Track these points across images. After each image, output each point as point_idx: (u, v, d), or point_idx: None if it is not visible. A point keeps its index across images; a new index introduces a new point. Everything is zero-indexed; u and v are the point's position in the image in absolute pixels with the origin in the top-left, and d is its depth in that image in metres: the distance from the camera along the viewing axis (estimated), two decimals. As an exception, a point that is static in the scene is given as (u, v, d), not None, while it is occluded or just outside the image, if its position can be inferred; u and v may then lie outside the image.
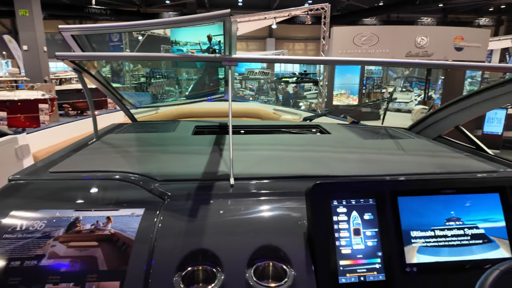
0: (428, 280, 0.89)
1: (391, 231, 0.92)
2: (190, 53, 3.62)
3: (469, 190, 0.98)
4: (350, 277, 0.88)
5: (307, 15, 9.19)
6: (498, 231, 0.96)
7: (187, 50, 7.68)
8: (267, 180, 1.17)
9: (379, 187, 0.95)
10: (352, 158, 1.46)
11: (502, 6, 24.71)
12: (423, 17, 25.53)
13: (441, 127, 1.79)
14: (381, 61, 1.83)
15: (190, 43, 7.40)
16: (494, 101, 1.44)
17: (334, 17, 22.51)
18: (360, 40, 8.79)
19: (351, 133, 1.87)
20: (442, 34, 9.49)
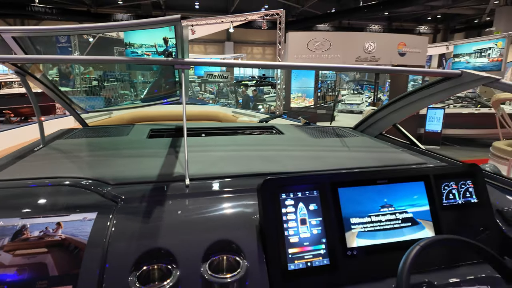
0: (366, 261, 1.00)
1: (333, 219, 1.02)
2: (145, 55, 3.54)
3: (399, 180, 1.11)
4: (298, 263, 0.96)
5: (263, 20, 9.40)
6: (424, 214, 1.10)
7: (142, 52, 7.46)
8: (222, 179, 1.21)
9: (322, 180, 1.05)
10: (302, 155, 1.56)
11: (439, 16, 27.30)
12: (371, 24, 27.30)
13: (382, 126, 1.97)
14: (332, 66, 1.97)
15: (145, 45, 7.18)
16: (424, 100, 1.63)
17: (290, 22, 23.22)
18: (314, 45, 9.17)
19: (303, 133, 1.98)
20: (387, 40, 10.22)
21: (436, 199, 1.11)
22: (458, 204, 1.14)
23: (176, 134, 1.93)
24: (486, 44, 13.13)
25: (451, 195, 1.14)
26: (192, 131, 1.98)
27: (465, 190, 1.16)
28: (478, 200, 1.16)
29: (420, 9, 23.57)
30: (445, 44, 15.31)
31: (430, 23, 29.42)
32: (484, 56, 13.24)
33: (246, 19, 9.63)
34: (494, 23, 16.83)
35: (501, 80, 1.25)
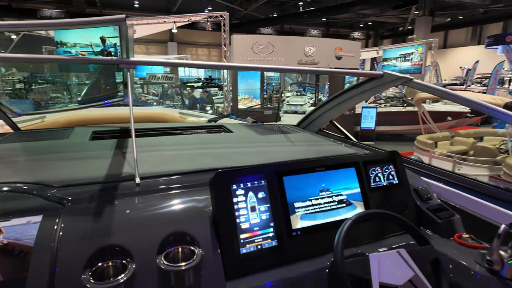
0: (309, 239, 1.13)
1: (280, 204, 1.13)
2: (80, 55, 3.33)
3: (334, 167, 1.26)
4: (249, 247, 1.04)
5: (207, 22, 9.39)
6: (355, 195, 1.27)
7: (77, 52, 6.91)
8: (173, 176, 1.24)
9: (269, 170, 1.15)
10: (251, 151, 1.66)
11: (369, 23, 29.87)
12: (311, 29, 28.84)
13: (320, 122, 2.16)
14: (277, 68, 2.09)
15: (79, 44, 6.67)
16: (354, 98, 1.85)
17: (234, 25, 23.46)
18: (258, 48, 9.42)
19: (251, 131, 2.08)
20: (325, 45, 10.91)
21: (365, 182, 1.29)
22: (383, 185, 1.33)
23: (122, 135, 1.88)
24: (409, 50, 14.78)
25: (377, 178, 1.33)
26: (139, 131, 1.95)
27: (388, 173, 1.36)
28: (398, 181, 1.36)
29: (354, 16, 25.55)
30: (375, 49, 16.84)
31: (362, 29, 32.05)
32: (407, 60, 14.87)
33: (190, 20, 9.52)
34: (415, 31, 18.96)
35: (413, 80, 1.49)
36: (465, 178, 1.43)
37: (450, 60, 28.99)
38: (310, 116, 2.22)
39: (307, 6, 21.60)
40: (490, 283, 1.03)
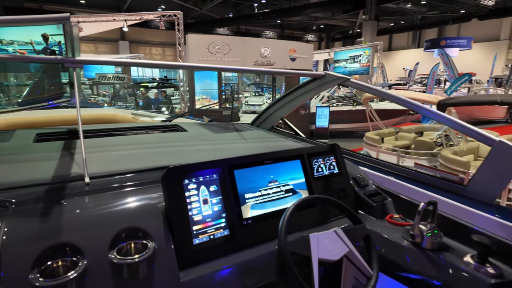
0: (259, 227, 1.21)
1: (231, 196, 1.20)
2: (18, 53, 3.10)
3: (281, 159, 1.37)
4: (202, 237, 1.10)
5: (160, 20, 9.16)
6: (301, 185, 1.38)
7: (14, 50, 6.36)
8: (125, 175, 1.25)
9: (220, 165, 1.22)
10: (205, 149, 1.71)
11: (321, 26, 31.17)
12: (266, 31, 29.34)
13: (272, 120, 2.28)
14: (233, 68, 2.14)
15: (18, 42, 6.15)
16: (301, 97, 1.98)
17: (189, 24, 23.08)
18: (214, 49, 9.42)
19: (206, 129, 2.13)
20: (280, 46, 11.21)
21: (309, 173, 1.41)
22: (325, 175, 1.46)
23: (69, 137, 1.82)
24: (357, 52, 15.73)
25: (320, 169, 1.46)
26: (89, 132, 1.90)
27: (330, 164, 1.50)
28: (339, 171, 1.51)
29: (306, 19, 26.52)
30: (327, 51, 17.64)
31: (315, 32, 33.36)
32: (356, 62, 15.82)
33: (142, 19, 9.23)
34: (363, 34, 20.21)
35: (350, 79, 1.64)
36: (395, 166, 1.62)
37: (394, 61, 31.32)
38: (263, 115, 2.32)
39: (261, 8, 21.98)
40: (413, 253, 1.20)
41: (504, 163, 1.19)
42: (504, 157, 1.18)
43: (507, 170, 1.18)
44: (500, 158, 1.20)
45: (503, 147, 1.18)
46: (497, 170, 1.21)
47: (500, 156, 1.19)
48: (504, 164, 1.19)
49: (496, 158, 1.21)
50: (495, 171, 1.22)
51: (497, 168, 1.21)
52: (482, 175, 1.26)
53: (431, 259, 1.16)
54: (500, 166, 1.20)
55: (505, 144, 1.17)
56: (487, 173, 1.24)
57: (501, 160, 1.19)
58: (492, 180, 1.23)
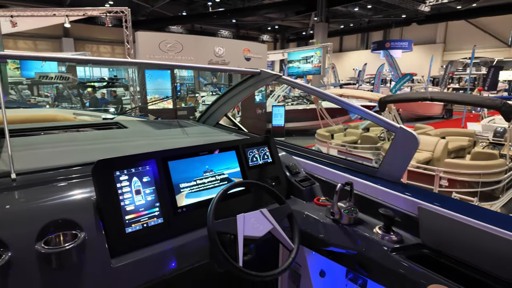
0: (194, 214, 1.28)
1: (165, 186, 1.25)
2: None
3: (216, 151, 1.45)
4: (135, 226, 1.14)
5: (106, 17, 8.76)
6: (236, 173, 1.47)
7: None
8: (56, 170, 1.25)
9: (153, 157, 1.26)
10: (144, 144, 1.73)
11: (276, 27, 31.87)
12: (222, 30, 29.29)
13: (217, 116, 2.35)
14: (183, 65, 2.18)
15: None
16: (241, 94, 2.08)
17: (140, 22, 22.26)
18: (166, 47, 9.24)
19: (148, 126, 2.14)
20: (234, 46, 11.33)
21: (244, 162, 1.51)
22: (260, 164, 1.57)
23: None
24: (309, 53, 16.37)
25: (254, 158, 1.56)
26: (22, 131, 1.82)
27: (264, 154, 1.61)
28: (272, 160, 1.63)
29: (261, 19, 26.94)
30: (281, 51, 18.10)
31: (270, 32, 34.00)
32: (309, 62, 16.47)
33: (85, 15, 8.74)
34: (314, 36, 21.07)
35: (282, 76, 1.77)
36: (323, 154, 1.79)
37: (345, 62, 33.03)
38: (207, 112, 2.38)
39: (216, 7, 21.90)
40: (333, 229, 1.35)
41: (404, 146, 1.39)
42: (405, 141, 1.38)
43: (408, 152, 1.38)
44: (401, 143, 1.39)
45: (403, 133, 1.38)
46: (400, 153, 1.41)
47: (401, 141, 1.39)
48: (405, 147, 1.39)
49: (398, 142, 1.40)
50: (398, 154, 1.42)
51: (400, 151, 1.41)
52: (389, 158, 1.45)
53: (348, 232, 1.32)
54: (402, 149, 1.40)
55: (405, 130, 1.37)
56: (393, 156, 1.43)
57: (402, 144, 1.39)
58: (397, 162, 1.43)
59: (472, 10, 22.26)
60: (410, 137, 1.36)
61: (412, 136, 1.35)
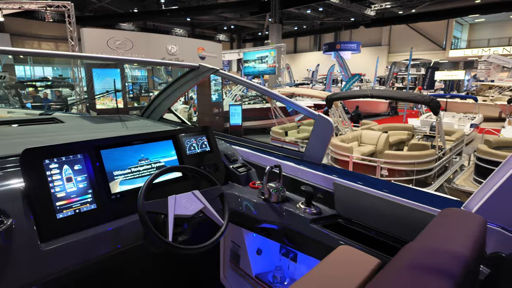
0: (129, 200, 1.32)
1: (98, 174, 1.29)
2: None
3: (152, 140, 1.50)
4: (67, 212, 1.17)
5: (46, 11, 8.18)
6: (173, 162, 1.54)
7: None
8: None
9: (85, 145, 1.29)
10: (79, 137, 1.72)
11: (232, 27, 31.96)
12: (176, 28, 28.65)
13: (160, 110, 2.38)
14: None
15: None
16: (182, 88, 2.14)
17: (87, 18, 21.04)
18: (115, 44, 8.89)
19: (86, 121, 2.11)
20: (188, 44, 11.21)
21: (182, 151, 1.58)
22: (197, 152, 1.66)
23: None
24: (264, 53, 16.70)
25: (192, 147, 1.64)
26: None
27: (202, 143, 1.70)
28: (210, 149, 1.72)
29: (216, 19, 26.85)
30: (237, 51, 18.22)
31: (226, 32, 33.98)
32: (264, 62, 16.79)
33: (22, 8, 8.08)
34: (269, 36, 21.51)
35: (219, 70, 1.87)
36: (260, 142, 1.92)
37: (300, 63, 34.13)
38: (151, 106, 2.41)
39: (169, 5, 21.40)
40: (263, 208, 1.48)
41: (323, 132, 1.56)
42: (323, 127, 1.55)
43: (326, 136, 1.56)
44: (320, 128, 1.57)
45: (321, 119, 1.55)
46: (320, 138, 1.58)
47: (320, 127, 1.56)
48: (323, 132, 1.56)
49: (318, 128, 1.57)
50: (319, 138, 1.59)
51: (319, 136, 1.58)
52: (311, 142, 1.62)
53: (276, 209, 1.45)
54: (321, 134, 1.58)
55: (322, 117, 1.54)
56: (314, 140, 1.60)
57: (321, 130, 1.57)
58: (318, 145, 1.60)
59: (411, 15, 24.25)
60: (327, 123, 1.54)
61: (328, 122, 1.53)
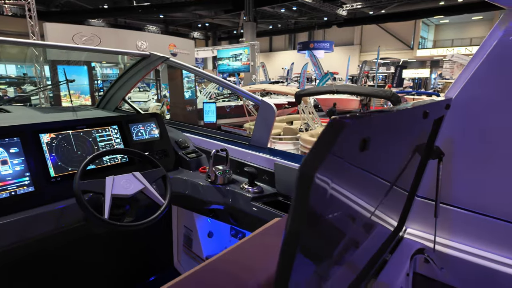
0: (68, 184, 1.33)
1: (37, 157, 1.29)
2: None
3: (97, 125, 1.52)
4: (2, 194, 1.17)
5: (5, 3, 7.77)
6: (119, 147, 1.56)
7: None
8: None
9: (22, 129, 1.29)
10: (21, 123, 1.70)
11: (207, 24, 31.68)
12: (149, 25, 28.02)
13: (115, 100, 2.37)
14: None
15: None
16: (135, 77, 2.15)
17: (54, 13, 20.14)
18: (81, 40, 8.61)
19: (35, 111, 2.07)
20: (159, 40, 11.03)
21: (128, 136, 1.60)
22: (145, 138, 1.68)
23: None
24: (238, 51, 16.72)
25: (139, 133, 1.67)
26: None
27: (150, 129, 1.72)
28: (160, 136, 1.75)
29: (190, 16, 26.51)
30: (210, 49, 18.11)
31: (201, 30, 33.64)
32: (238, 60, 16.81)
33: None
34: (244, 34, 21.54)
35: (169, 59, 1.90)
36: (211, 130, 1.97)
37: (275, 62, 34.42)
38: (105, 97, 2.39)
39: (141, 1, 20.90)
40: (210, 190, 1.54)
41: (267, 116, 1.64)
42: (266, 111, 1.63)
43: (269, 121, 1.64)
44: (264, 114, 1.64)
45: (265, 105, 1.63)
46: (264, 122, 1.66)
47: (264, 112, 1.64)
48: (267, 117, 1.64)
49: (262, 114, 1.65)
50: (263, 123, 1.66)
51: (264, 120, 1.66)
52: (258, 127, 1.69)
53: (221, 191, 1.51)
54: (265, 119, 1.65)
55: (265, 102, 1.62)
56: (259, 125, 1.68)
57: (265, 114, 1.64)
58: (262, 129, 1.68)
59: (381, 16, 25.10)
60: (269, 108, 1.61)
61: (270, 107, 1.61)
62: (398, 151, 0.78)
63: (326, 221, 0.48)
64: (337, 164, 0.40)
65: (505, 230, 0.95)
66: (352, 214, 0.65)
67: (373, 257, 0.91)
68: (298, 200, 0.35)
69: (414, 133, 0.82)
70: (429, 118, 0.78)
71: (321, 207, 0.42)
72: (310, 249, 0.45)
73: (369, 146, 0.45)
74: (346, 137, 0.37)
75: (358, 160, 0.51)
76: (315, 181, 0.34)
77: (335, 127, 0.37)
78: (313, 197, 0.35)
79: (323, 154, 0.35)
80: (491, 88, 0.91)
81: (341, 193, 0.50)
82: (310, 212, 0.36)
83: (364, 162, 0.57)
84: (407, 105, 0.66)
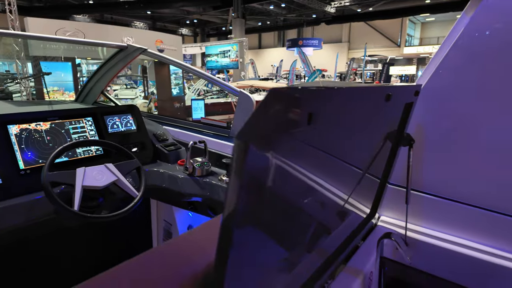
0: (36, 176, 1.29)
1: (4, 149, 1.25)
2: None
3: (69, 117, 1.48)
4: None
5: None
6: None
7: None
8: None
9: None
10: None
11: (195, 21, 31.37)
12: (136, 22, 27.58)
13: (94, 94, 2.32)
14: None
15: None
16: (113, 69, 2.10)
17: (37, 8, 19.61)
18: (65, 35, 8.40)
19: (10, 104, 2.01)
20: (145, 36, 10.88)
21: (103, 129, 1.57)
22: (121, 131, 1.65)
23: None
24: (226, 47, 16.62)
25: (115, 126, 1.64)
26: None
27: (126, 122, 1.69)
28: (136, 128, 1.72)
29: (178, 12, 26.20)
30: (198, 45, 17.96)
31: (189, 26, 33.31)
32: (226, 56, 16.71)
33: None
34: (232, 31, 21.41)
35: (148, 50, 1.87)
36: (191, 122, 1.95)
37: (264, 59, 34.36)
38: (84, 91, 2.34)
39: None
40: (188, 182, 1.52)
41: (245, 107, 1.63)
42: (244, 102, 1.62)
43: (247, 111, 1.63)
44: (242, 104, 1.63)
45: (243, 95, 1.61)
46: (243, 113, 1.65)
47: (242, 103, 1.63)
48: (245, 108, 1.63)
49: (240, 104, 1.64)
50: (242, 114, 1.65)
51: (242, 111, 1.65)
52: (237, 119, 1.68)
53: (199, 183, 1.50)
54: (244, 110, 1.64)
55: (244, 93, 1.61)
56: (238, 116, 1.67)
57: (243, 105, 1.63)
58: (241, 120, 1.66)
59: (369, 13, 25.32)
60: (247, 99, 1.60)
61: (248, 98, 1.60)
62: (363, 134, 0.78)
63: (270, 197, 0.47)
64: (279, 136, 0.39)
65: (474, 215, 0.97)
66: (310, 195, 0.64)
67: (343, 244, 0.91)
68: (235, 171, 0.34)
69: (380, 117, 0.82)
70: (395, 102, 0.78)
71: (262, 180, 0.41)
72: (255, 226, 0.44)
73: (317, 121, 0.44)
74: (286, 108, 0.37)
75: (309, 137, 0.51)
76: (251, 148, 0.33)
77: (274, 96, 0.36)
78: (250, 164, 0.34)
79: (258, 122, 0.34)
80: (460, 75, 0.92)
81: (293, 170, 0.49)
82: (248, 183, 0.35)
83: (319, 141, 0.56)
84: (364, 84, 0.66)
